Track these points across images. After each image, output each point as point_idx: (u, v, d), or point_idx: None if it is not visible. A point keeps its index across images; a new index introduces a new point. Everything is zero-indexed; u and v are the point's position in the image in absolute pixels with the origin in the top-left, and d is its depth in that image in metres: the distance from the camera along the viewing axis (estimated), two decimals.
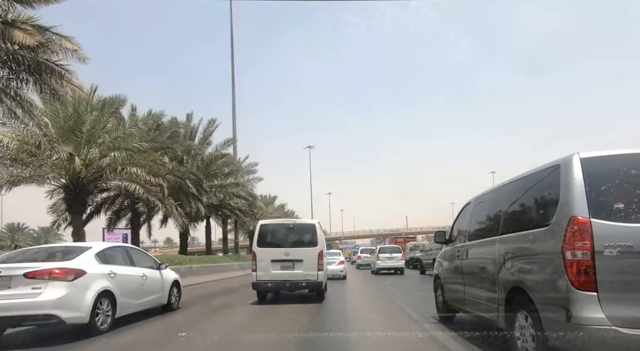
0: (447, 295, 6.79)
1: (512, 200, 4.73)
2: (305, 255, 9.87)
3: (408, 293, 12.73)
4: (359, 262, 32.15)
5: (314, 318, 7.89)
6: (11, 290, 5.89)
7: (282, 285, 9.89)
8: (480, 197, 5.92)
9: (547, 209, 3.86)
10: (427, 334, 5.96)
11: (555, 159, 3.96)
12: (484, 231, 5.52)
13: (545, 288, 3.70)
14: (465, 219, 6.25)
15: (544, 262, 3.78)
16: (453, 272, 6.49)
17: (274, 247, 10.00)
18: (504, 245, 4.63)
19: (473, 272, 5.63)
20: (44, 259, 6.69)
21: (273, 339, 5.96)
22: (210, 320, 8.21)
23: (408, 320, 7.51)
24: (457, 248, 6.34)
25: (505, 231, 4.70)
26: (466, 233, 6.10)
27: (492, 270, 4.83)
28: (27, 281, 5.94)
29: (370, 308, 9.76)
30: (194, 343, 6.00)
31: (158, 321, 7.96)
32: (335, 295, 11.63)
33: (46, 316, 5.87)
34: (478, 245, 5.50)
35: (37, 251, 7.35)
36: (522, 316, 4.11)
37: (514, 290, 4.27)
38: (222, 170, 28.17)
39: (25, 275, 5.95)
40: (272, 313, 8.73)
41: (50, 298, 5.89)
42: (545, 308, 3.67)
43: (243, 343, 6.00)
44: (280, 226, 10.50)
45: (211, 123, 28.27)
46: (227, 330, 6.88)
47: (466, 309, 5.89)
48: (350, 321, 7.60)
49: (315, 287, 10.06)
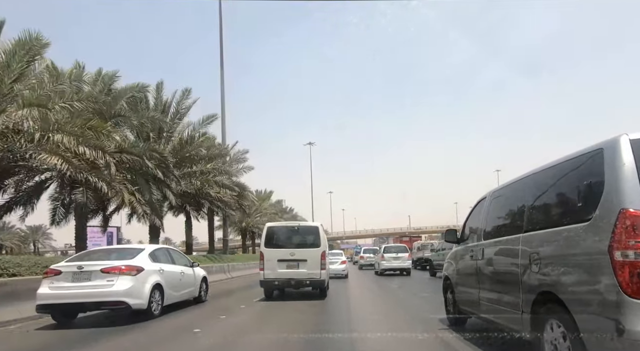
0: (458, 298, 6.23)
1: (540, 192, 4.11)
2: (309, 255, 10.52)
3: (417, 296, 12.04)
4: (362, 262, 30.66)
5: (319, 317, 8.16)
6: (91, 282, 7.42)
7: (287, 283, 10.62)
8: (498, 191, 5.32)
9: (587, 201, 3.26)
10: (438, 340, 5.61)
11: (590, 145, 3.38)
12: (503, 228, 4.93)
13: (586, 295, 3.11)
14: (480, 216, 5.66)
15: (583, 264, 3.19)
16: (466, 274, 5.92)
17: (280, 247, 10.68)
18: (529, 244, 4.04)
19: (490, 274, 5.05)
20: (112, 258, 8.07)
21: (290, 320, 7.86)
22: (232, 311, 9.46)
23: (417, 323, 6.99)
24: (470, 248, 5.75)
25: (530, 228, 4.11)
26: (481, 232, 5.51)
27: (514, 272, 4.25)
28: (103, 275, 7.47)
29: (374, 309, 9.21)
30: (227, 325, 7.60)
31: (194, 310, 9.56)
32: (339, 303, 10.62)
33: (118, 302, 7.42)
34: (496, 244, 4.92)
35: (104, 251, 8.93)
36: (553, 327, 3.54)
37: (542, 296, 3.69)
38: (199, 151, 22.62)
39: (101, 270, 7.49)
40: (281, 304, 10.21)
41: (121, 288, 7.43)
42: (586, 319, 3.08)
43: (263, 327, 7.41)
44: (286, 228, 11.38)
45: (185, 94, 22.53)
46: (250, 319, 8.41)
47: (481, 314, 5.31)
48: (354, 323, 7.08)
49: (319, 285, 10.74)
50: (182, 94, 22.76)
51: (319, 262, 10.48)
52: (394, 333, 6.21)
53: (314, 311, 8.81)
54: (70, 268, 7.56)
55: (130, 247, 10.37)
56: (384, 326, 7.03)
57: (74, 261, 7.96)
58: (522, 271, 4.09)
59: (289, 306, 9.85)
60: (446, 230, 6.81)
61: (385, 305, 10.28)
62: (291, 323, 7.52)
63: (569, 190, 3.66)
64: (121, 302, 7.40)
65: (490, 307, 4.94)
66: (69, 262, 7.99)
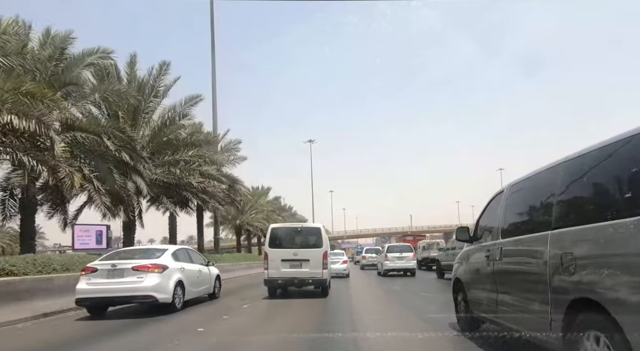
0: (471, 302, 5.69)
1: (574, 182, 3.56)
2: (312, 255, 10.89)
3: (426, 299, 11.48)
4: (364, 262, 29.77)
5: (322, 317, 8.25)
6: (124, 279, 8.32)
7: (290, 281, 11.01)
8: (519, 183, 4.78)
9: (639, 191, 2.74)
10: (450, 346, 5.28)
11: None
12: (526, 225, 4.41)
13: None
14: (497, 212, 5.13)
15: (633, 265, 2.67)
16: (480, 276, 5.39)
17: (284, 247, 11.06)
18: (560, 242, 3.52)
19: (510, 277, 4.53)
20: (140, 257, 8.92)
21: (294, 312, 8.76)
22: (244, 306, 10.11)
23: (427, 329, 6.43)
24: (485, 247, 5.22)
25: (561, 224, 3.57)
26: (498, 229, 4.98)
27: (541, 275, 3.73)
28: (134, 273, 8.38)
29: (381, 315, 8.73)
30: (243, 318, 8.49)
31: (209, 305, 10.43)
32: (341, 307, 10.21)
33: (147, 296, 8.32)
34: (518, 243, 4.39)
35: (131, 251, 10.00)
36: (592, 339, 3.02)
37: (578, 303, 3.17)
38: (178, 135, 20.00)
39: (132, 268, 8.42)
40: (286, 300, 10.94)
41: (150, 284, 8.33)
42: None
43: (273, 319, 8.29)
44: (289, 229, 11.83)
45: (164, 68, 19.22)
46: (260, 313, 9.21)
47: (499, 321, 4.79)
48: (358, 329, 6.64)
49: (320, 284, 11.09)
50: (160, 69, 19.19)
51: (321, 262, 10.85)
52: (403, 333, 6.11)
53: (318, 310, 9.05)
54: (105, 266, 8.49)
55: (155, 247, 11.69)
56: (387, 326, 6.91)
57: (107, 260, 8.82)
58: (551, 273, 3.57)
59: (292, 304, 10.23)
60: (458, 227, 6.25)
61: (390, 306, 9.78)
62: (296, 320, 7.99)
63: (613, 178, 3.11)
64: (150, 296, 8.32)
65: (510, 313, 4.42)
66: (102, 260, 8.88)
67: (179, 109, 20.01)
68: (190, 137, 20.50)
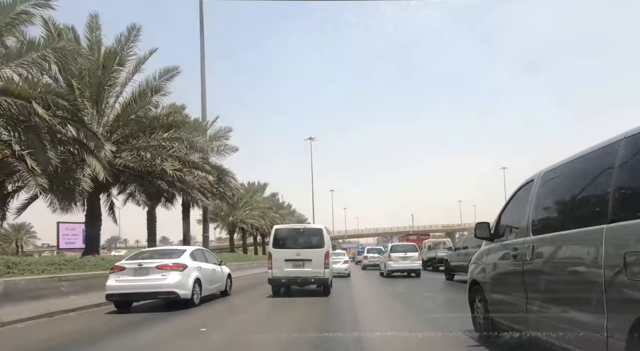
0: (492, 309, 4.97)
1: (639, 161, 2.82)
2: (314, 255, 11.25)
3: (437, 302, 10.99)
4: (366, 263, 29.02)
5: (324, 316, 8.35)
6: (149, 277, 9.09)
7: (294, 280, 11.38)
8: (555, 170, 4.04)
9: None
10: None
11: None
12: (566, 219, 3.68)
13: None
14: (525, 205, 4.40)
15: None
16: (505, 279, 4.69)
17: (287, 248, 11.43)
18: (620, 239, 2.81)
19: (547, 281, 3.81)
20: (162, 257, 9.70)
21: (298, 311, 9.16)
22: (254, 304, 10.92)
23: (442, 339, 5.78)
24: (511, 246, 4.50)
25: (622, 216, 2.84)
26: (527, 225, 4.26)
27: (592, 280, 3.01)
28: (158, 271, 9.16)
29: (391, 323, 8.06)
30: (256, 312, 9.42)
31: (223, 301, 11.23)
32: (342, 308, 9.84)
33: (170, 292, 9.09)
34: (557, 240, 3.67)
35: (153, 252, 10.78)
36: None
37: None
38: (148, 111, 16.77)
39: (157, 267, 9.20)
40: (290, 298, 11.32)
41: (172, 281, 9.11)
42: None
43: (281, 314, 8.88)
44: (293, 230, 12.27)
45: (133, 33, 15.84)
46: (269, 309, 9.93)
47: (530, 331, 4.07)
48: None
49: (322, 283, 11.51)
50: (129, 35, 15.83)
51: (322, 262, 11.21)
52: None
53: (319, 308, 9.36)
54: (132, 265, 9.25)
55: (174, 248, 12.57)
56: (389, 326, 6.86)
57: (133, 260, 9.69)
58: (608, 279, 2.85)
59: (296, 302, 10.55)
60: (477, 223, 5.48)
61: (396, 310, 9.05)
62: (301, 315, 8.51)
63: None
64: (172, 292, 9.09)
65: (546, 324, 3.70)
66: (128, 260, 9.77)
67: (152, 83, 16.46)
68: (167, 117, 17.26)
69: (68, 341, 6.38)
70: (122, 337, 6.62)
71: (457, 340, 5.48)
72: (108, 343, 6.22)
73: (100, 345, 6.06)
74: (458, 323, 6.19)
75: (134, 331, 7.11)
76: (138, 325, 7.65)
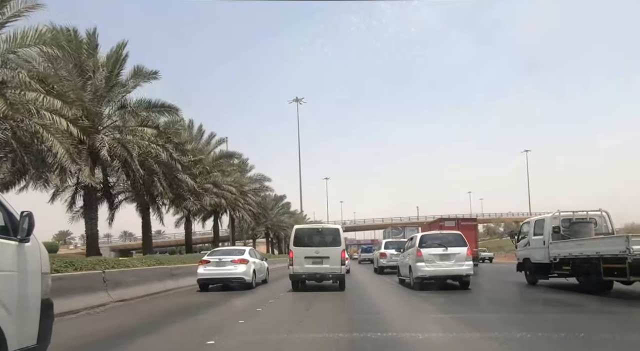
0: None
1: None
2: (331, 253, 12.40)
3: None
4: (383, 263, 21.01)
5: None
6: (226, 267, 13.37)
7: (313, 276, 12.75)
8: None
9: None
10: None
11: None
12: None
13: None
14: None
15: None
16: None
17: (307, 246, 12.61)
18: None
19: None
20: (233, 254, 14.03)
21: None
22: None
23: None
24: None
25: None
26: None
27: None
28: (231, 263, 13.41)
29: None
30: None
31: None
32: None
33: (239, 278, 13.30)
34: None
35: (225, 250, 15.48)
36: None
37: None
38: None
39: (231, 261, 13.47)
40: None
41: (241, 270, 13.35)
42: None
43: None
44: (312, 230, 13.88)
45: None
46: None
47: None
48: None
49: (339, 278, 12.79)
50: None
51: (339, 259, 12.37)
52: None
53: None
54: (214, 259, 13.62)
55: (237, 248, 17.43)
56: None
57: (214, 255, 14.03)
58: None
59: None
60: None
61: None
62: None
63: None
64: (241, 278, 13.28)
65: None
66: (210, 256, 14.16)
67: None
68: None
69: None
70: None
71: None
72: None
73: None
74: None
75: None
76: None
